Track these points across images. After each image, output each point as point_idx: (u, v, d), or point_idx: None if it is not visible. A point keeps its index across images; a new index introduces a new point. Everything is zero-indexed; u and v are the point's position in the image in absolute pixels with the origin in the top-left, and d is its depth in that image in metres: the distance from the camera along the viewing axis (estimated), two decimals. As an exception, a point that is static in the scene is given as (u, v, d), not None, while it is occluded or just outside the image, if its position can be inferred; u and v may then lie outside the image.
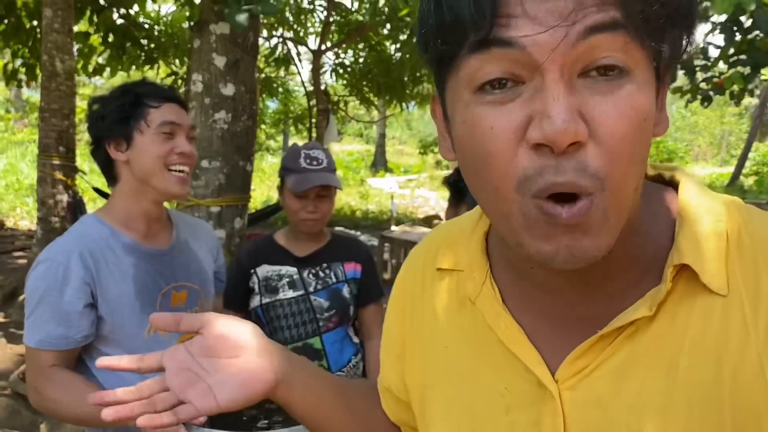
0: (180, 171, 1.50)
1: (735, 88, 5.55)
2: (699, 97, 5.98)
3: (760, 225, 0.60)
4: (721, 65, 5.95)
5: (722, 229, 0.59)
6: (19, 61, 7.59)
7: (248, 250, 2.14)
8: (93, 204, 8.85)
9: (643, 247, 0.61)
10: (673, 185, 0.66)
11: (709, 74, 5.99)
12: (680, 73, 5.96)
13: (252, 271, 2.06)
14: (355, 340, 2.15)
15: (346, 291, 2.06)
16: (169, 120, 1.48)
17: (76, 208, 6.05)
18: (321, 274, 2.05)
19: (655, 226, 0.63)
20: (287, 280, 2.03)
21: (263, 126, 14.39)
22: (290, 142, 29.72)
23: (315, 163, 1.97)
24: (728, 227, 0.60)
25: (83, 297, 1.40)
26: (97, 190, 6.31)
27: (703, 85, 6.07)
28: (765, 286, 0.56)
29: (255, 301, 2.03)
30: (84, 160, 8.53)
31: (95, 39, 7.41)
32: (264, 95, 9.43)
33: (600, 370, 0.60)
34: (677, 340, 0.58)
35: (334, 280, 2.06)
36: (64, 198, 6.09)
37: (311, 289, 2.03)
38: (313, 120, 8.26)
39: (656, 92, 0.56)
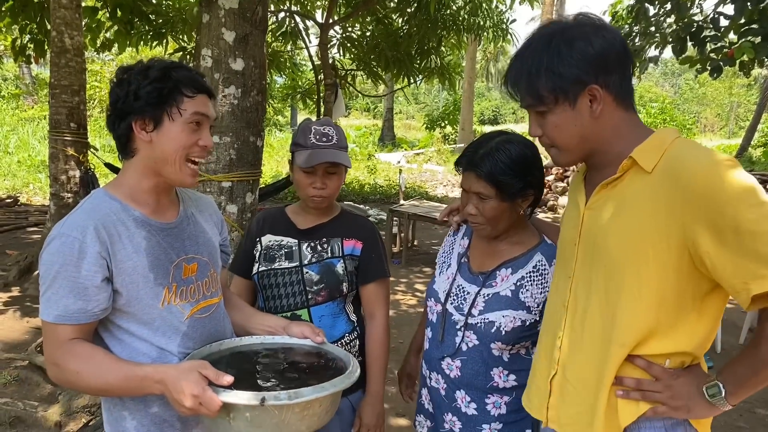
0: (195, 163, 1.53)
1: (745, 58, 5.49)
2: (708, 68, 5.91)
3: (682, 152, 1.30)
4: (732, 36, 5.88)
5: (662, 148, 1.33)
6: (27, 37, 7.59)
7: (258, 219, 2.18)
8: (105, 179, 8.91)
9: (622, 155, 1.37)
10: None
11: (719, 45, 5.92)
12: (689, 44, 5.91)
13: (258, 239, 2.12)
14: (353, 317, 2.14)
15: (339, 267, 2.06)
16: (201, 112, 1.49)
17: (89, 184, 6.12)
18: (318, 248, 2.07)
19: (631, 146, 1.36)
20: (285, 250, 2.07)
21: (271, 101, 14.35)
22: (298, 117, 29.61)
23: (325, 139, 1.98)
24: (667, 150, 1.32)
25: (100, 271, 1.42)
26: (108, 165, 6.36)
27: (712, 56, 6.00)
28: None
29: (254, 269, 2.09)
30: (95, 136, 8.58)
31: (102, 14, 7.40)
32: (272, 70, 9.40)
33: (599, 200, 1.42)
34: (626, 189, 1.36)
35: (329, 255, 2.07)
36: (77, 174, 6.15)
37: (305, 262, 2.05)
38: (321, 95, 8.25)
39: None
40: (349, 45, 8.72)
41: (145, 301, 1.50)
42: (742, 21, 5.51)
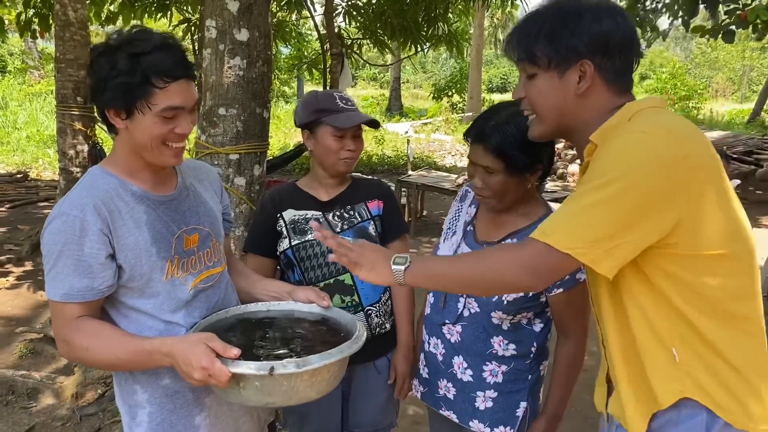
0: (175, 146, 1.47)
1: (759, 20, 5.37)
2: (721, 32, 5.78)
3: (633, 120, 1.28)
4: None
5: (620, 125, 1.28)
6: (31, 12, 7.54)
7: (272, 196, 2.19)
8: (112, 154, 8.90)
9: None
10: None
11: (732, 6, 5.79)
12: (701, 6, 5.78)
13: (278, 215, 2.11)
14: None
15: (371, 229, 2.12)
16: (173, 105, 1.41)
17: (97, 158, 6.12)
18: (346, 215, 2.11)
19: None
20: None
21: (277, 72, 14.23)
22: (305, 88, 29.33)
23: (350, 103, 2.05)
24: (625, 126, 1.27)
25: (103, 248, 1.42)
26: (116, 139, 6.34)
27: (726, 18, 5.87)
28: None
29: (284, 244, 2.09)
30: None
31: (106, -14, 7.33)
32: (277, 41, 9.31)
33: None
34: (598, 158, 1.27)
35: (359, 219, 2.12)
36: (85, 148, 6.16)
37: (338, 230, 2.08)
38: (327, 65, 8.17)
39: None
40: (354, 13, 8.60)
41: (149, 275, 1.51)
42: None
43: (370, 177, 2.34)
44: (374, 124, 2.08)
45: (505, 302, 1.77)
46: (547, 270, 1.26)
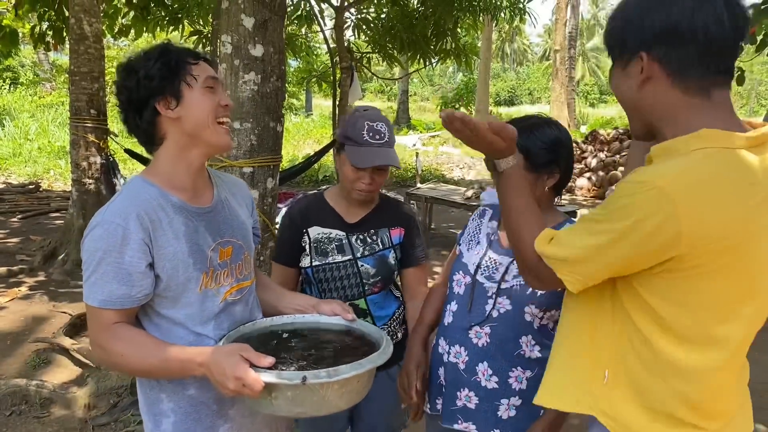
0: (225, 123, 1.57)
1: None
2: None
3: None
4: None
5: (676, 151, 1.19)
6: (45, 24, 7.66)
7: (300, 209, 2.18)
8: (124, 165, 9.00)
9: None
10: None
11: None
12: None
13: (304, 231, 2.13)
14: (397, 294, 2.23)
15: (391, 257, 2.13)
16: (211, 75, 1.54)
17: (110, 170, 6.19)
18: (368, 240, 2.12)
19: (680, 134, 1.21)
20: (336, 244, 2.10)
21: (286, 85, 14.36)
22: (313, 101, 29.44)
23: (378, 137, 1.97)
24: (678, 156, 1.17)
25: (144, 257, 1.45)
26: (128, 151, 6.40)
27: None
28: None
29: (306, 262, 2.11)
30: (115, 122, 8.64)
31: (119, 0, 7.44)
32: (286, 53, 9.41)
33: None
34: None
35: (381, 246, 2.12)
36: (98, 160, 6.22)
37: (358, 255, 2.09)
38: (337, 78, 8.24)
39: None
40: (364, 27, 8.69)
41: (184, 285, 1.53)
42: (763, -1, 5.40)
43: (395, 200, 2.30)
44: (393, 164, 2.00)
45: (538, 293, 1.78)
46: None
